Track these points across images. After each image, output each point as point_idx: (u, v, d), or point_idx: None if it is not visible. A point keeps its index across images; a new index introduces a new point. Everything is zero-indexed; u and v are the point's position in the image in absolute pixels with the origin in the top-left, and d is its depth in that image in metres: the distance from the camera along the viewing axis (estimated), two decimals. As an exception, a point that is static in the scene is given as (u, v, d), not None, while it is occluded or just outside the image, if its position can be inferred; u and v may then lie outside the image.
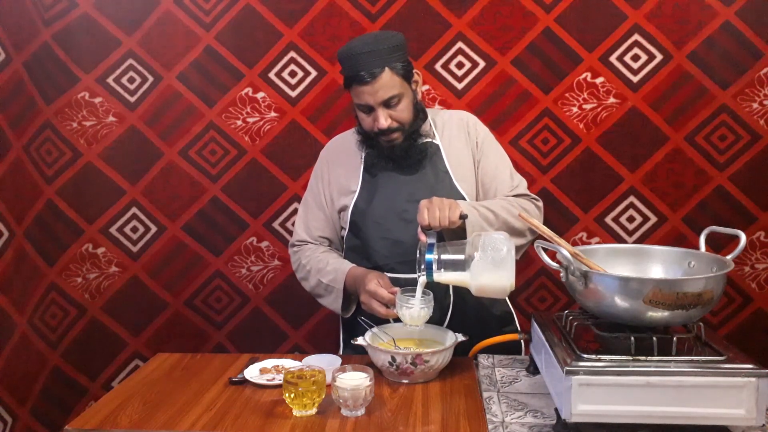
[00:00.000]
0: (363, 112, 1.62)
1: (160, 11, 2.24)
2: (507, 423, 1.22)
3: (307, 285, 1.74)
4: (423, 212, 1.43)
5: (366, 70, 1.53)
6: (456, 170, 1.67)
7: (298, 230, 1.79)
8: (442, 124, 1.73)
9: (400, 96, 1.58)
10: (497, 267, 1.34)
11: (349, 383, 1.24)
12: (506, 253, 1.35)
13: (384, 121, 1.58)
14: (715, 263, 1.21)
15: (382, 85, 1.55)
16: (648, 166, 2.21)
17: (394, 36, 1.60)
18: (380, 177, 1.68)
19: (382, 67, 1.54)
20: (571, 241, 2.21)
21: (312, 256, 1.73)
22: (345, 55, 1.58)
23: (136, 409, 1.31)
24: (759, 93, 2.13)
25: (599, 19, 2.15)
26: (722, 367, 1.07)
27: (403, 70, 1.58)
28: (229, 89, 2.27)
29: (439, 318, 1.62)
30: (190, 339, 2.39)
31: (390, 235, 1.63)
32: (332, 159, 1.78)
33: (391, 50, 1.56)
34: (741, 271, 2.23)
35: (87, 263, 2.33)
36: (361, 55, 1.54)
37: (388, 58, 1.55)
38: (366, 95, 1.56)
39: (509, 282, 1.35)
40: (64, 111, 2.25)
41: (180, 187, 2.33)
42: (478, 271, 1.35)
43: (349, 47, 1.57)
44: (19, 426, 2.04)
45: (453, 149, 1.69)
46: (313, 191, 1.79)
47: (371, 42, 1.56)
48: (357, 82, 1.55)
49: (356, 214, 1.68)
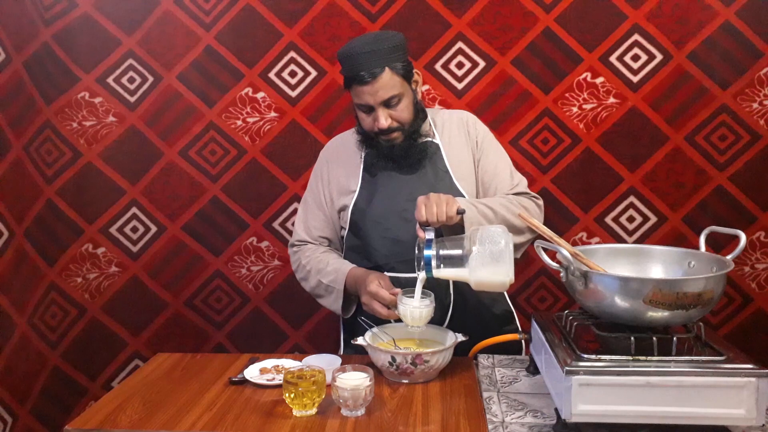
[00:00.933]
0: (363, 112, 1.62)
1: (160, 11, 2.24)
2: (507, 423, 1.22)
3: (307, 285, 1.74)
4: (420, 208, 1.43)
5: (366, 69, 1.53)
6: (456, 169, 1.67)
7: (298, 230, 1.79)
8: (441, 123, 1.73)
9: (400, 96, 1.58)
10: (495, 260, 1.33)
11: (349, 383, 1.24)
12: (504, 246, 1.33)
13: (384, 121, 1.58)
14: (715, 263, 1.21)
15: (382, 85, 1.55)
16: (648, 166, 2.21)
17: (395, 36, 1.60)
18: (380, 176, 1.68)
19: (382, 67, 1.54)
20: (571, 241, 2.21)
21: (312, 256, 1.73)
22: (345, 55, 1.57)
23: (136, 409, 1.32)
24: (759, 93, 2.13)
25: (599, 19, 2.15)
26: (722, 367, 1.07)
27: (403, 70, 1.58)
28: (229, 89, 2.27)
29: (439, 317, 1.62)
30: (190, 339, 2.39)
31: (390, 235, 1.63)
32: (332, 159, 1.78)
33: (392, 50, 1.56)
34: (741, 271, 2.23)
35: (87, 263, 2.33)
36: (361, 54, 1.54)
37: (388, 58, 1.55)
38: (366, 95, 1.56)
39: (508, 276, 1.34)
40: (64, 111, 2.25)
41: (180, 187, 2.33)
42: (476, 265, 1.34)
43: (349, 47, 1.57)
44: (19, 426, 2.04)
45: (453, 148, 1.69)
46: (312, 191, 1.79)
47: (371, 42, 1.56)
48: (357, 82, 1.55)
49: (356, 213, 1.68)
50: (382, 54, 1.54)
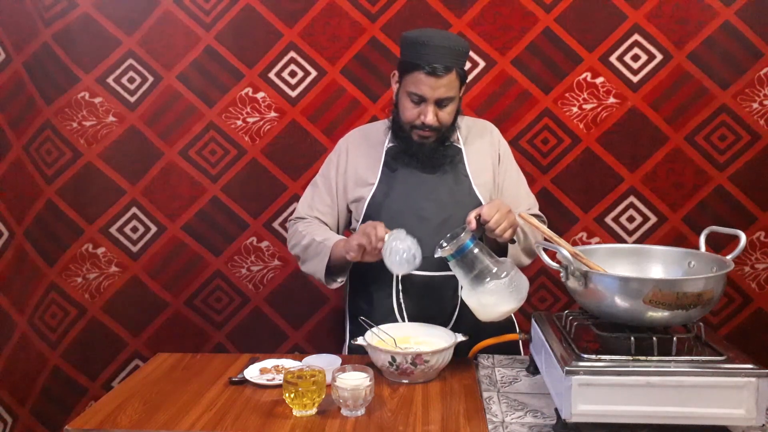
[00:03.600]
0: (412, 102, 1.60)
1: (160, 11, 2.24)
2: (507, 423, 1.23)
3: (297, 248, 1.71)
4: (491, 209, 1.43)
5: (440, 63, 1.53)
6: (476, 175, 1.69)
7: (301, 208, 1.78)
8: (466, 129, 1.75)
9: (452, 99, 1.60)
10: (508, 298, 1.38)
11: (349, 383, 1.25)
12: (524, 294, 1.42)
13: (432, 117, 1.58)
14: (715, 263, 1.21)
15: (446, 83, 1.55)
16: (648, 166, 2.21)
17: (465, 42, 1.63)
18: (400, 172, 1.68)
19: (452, 67, 1.55)
20: (571, 241, 2.21)
21: (312, 224, 1.73)
22: (419, 41, 1.55)
23: (136, 409, 1.32)
24: (759, 93, 2.13)
25: (599, 19, 2.15)
26: (722, 367, 1.07)
27: (463, 77, 1.61)
28: (229, 89, 2.27)
29: (445, 318, 1.63)
30: (190, 339, 2.39)
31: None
32: (352, 149, 1.76)
33: (463, 54, 1.59)
34: (741, 271, 2.23)
35: (87, 263, 2.33)
36: (439, 47, 1.54)
37: (459, 60, 1.58)
38: (427, 87, 1.55)
39: (504, 311, 1.41)
40: (64, 111, 2.25)
41: (180, 187, 2.33)
42: (492, 289, 1.38)
43: (427, 36, 1.55)
44: (19, 426, 2.04)
45: (474, 155, 1.71)
46: (324, 176, 1.77)
47: (451, 38, 1.59)
48: (425, 71, 1.54)
49: (372, 206, 1.67)
50: (456, 54, 1.56)
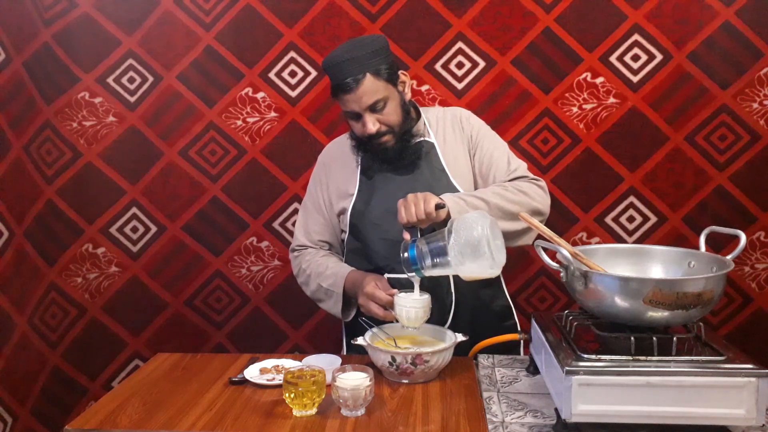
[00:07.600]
0: (352, 119, 1.63)
1: (160, 11, 2.24)
2: (507, 423, 1.22)
3: (308, 290, 1.75)
4: (400, 210, 1.45)
5: (347, 77, 1.53)
6: (452, 167, 1.67)
7: (298, 235, 1.79)
8: (435, 121, 1.73)
9: (385, 99, 1.58)
10: (473, 248, 1.29)
11: (349, 383, 1.24)
12: (480, 232, 1.28)
13: (372, 126, 1.58)
14: (715, 263, 1.21)
15: (364, 91, 1.54)
16: (648, 166, 2.20)
17: (374, 40, 1.60)
18: (377, 179, 1.68)
19: (363, 73, 1.54)
20: (571, 241, 2.21)
21: (312, 260, 1.73)
22: (327, 64, 1.59)
23: (136, 409, 1.31)
24: (759, 93, 2.13)
25: (599, 19, 2.15)
26: (722, 367, 1.07)
27: (386, 73, 1.57)
28: (229, 89, 2.27)
29: (441, 317, 1.62)
30: (190, 339, 2.39)
31: (389, 236, 1.62)
32: (330, 163, 1.78)
33: (371, 55, 1.56)
34: (741, 271, 2.23)
35: (87, 263, 2.33)
36: (341, 63, 1.54)
37: (368, 64, 1.55)
38: (351, 102, 1.56)
39: (488, 261, 1.29)
40: (64, 111, 2.25)
41: (180, 187, 2.33)
42: (455, 256, 1.32)
43: (331, 56, 1.58)
44: (19, 426, 2.04)
45: (448, 146, 1.69)
46: (311, 196, 1.79)
47: (350, 49, 1.56)
48: (341, 90, 1.56)
49: (355, 216, 1.68)
50: (361, 60, 1.54)
